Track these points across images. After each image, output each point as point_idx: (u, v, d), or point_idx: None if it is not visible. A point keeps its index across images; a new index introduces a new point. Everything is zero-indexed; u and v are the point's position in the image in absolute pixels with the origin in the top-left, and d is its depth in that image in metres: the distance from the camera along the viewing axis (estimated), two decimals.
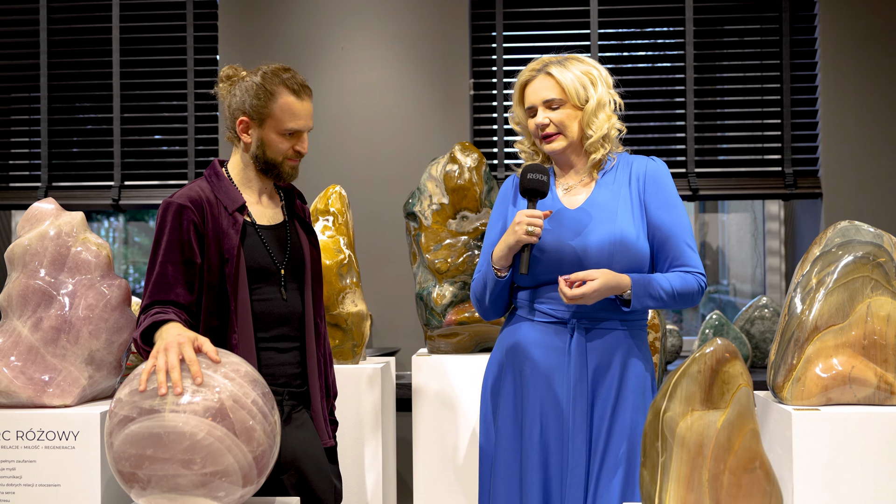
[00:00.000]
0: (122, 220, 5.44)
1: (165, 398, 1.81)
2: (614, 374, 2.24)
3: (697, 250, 2.30)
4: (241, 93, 2.24)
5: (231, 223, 2.20)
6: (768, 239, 4.85)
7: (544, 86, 2.30)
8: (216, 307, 2.18)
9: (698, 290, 2.27)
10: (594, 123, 2.28)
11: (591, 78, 2.31)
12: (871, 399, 2.23)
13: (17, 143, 4.82)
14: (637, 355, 2.27)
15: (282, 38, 4.54)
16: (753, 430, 1.85)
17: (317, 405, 2.32)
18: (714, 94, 4.63)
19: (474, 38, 4.59)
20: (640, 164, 2.32)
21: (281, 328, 2.26)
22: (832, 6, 4.42)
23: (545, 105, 2.30)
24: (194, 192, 2.20)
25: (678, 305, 2.28)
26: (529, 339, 2.30)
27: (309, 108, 2.26)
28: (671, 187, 2.31)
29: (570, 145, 2.32)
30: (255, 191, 2.31)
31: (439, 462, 3.12)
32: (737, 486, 1.82)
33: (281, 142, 2.24)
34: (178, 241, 2.14)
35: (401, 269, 4.36)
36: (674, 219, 2.27)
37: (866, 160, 4.40)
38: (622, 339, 2.26)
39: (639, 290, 2.20)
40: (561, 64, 2.31)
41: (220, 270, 2.17)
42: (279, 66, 2.29)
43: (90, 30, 4.73)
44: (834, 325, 2.24)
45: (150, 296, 2.14)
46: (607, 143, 2.33)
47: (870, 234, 2.31)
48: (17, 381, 2.29)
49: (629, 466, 2.19)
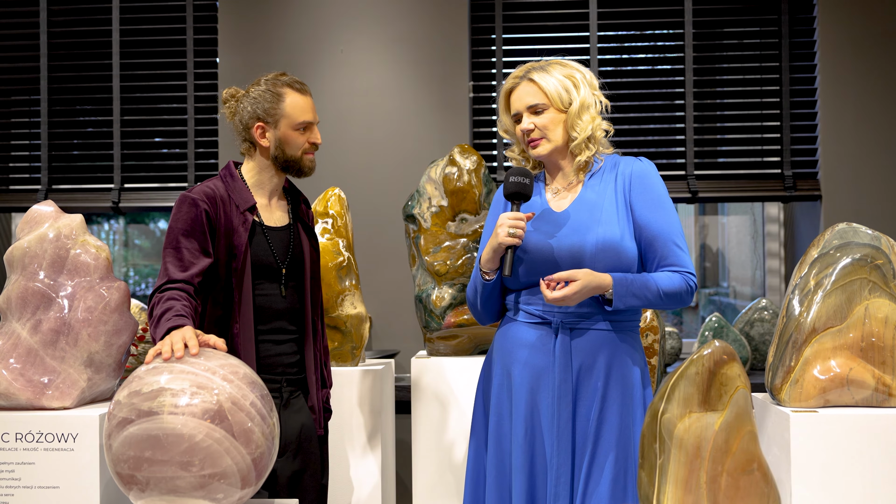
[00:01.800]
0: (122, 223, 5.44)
1: (164, 400, 1.81)
2: (599, 375, 2.23)
3: (688, 250, 2.29)
4: (250, 102, 2.43)
5: (241, 221, 2.38)
6: (768, 241, 4.85)
7: (527, 91, 2.33)
8: (221, 298, 2.34)
9: (687, 289, 2.25)
10: (578, 125, 2.30)
11: (574, 81, 2.32)
12: (868, 401, 2.23)
13: (17, 145, 4.82)
14: (625, 355, 2.26)
15: (281, 40, 4.55)
16: (751, 432, 1.86)
17: (313, 395, 2.49)
18: (713, 97, 4.63)
19: (474, 40, 4.60)
20: (627, 165, 2.32)
21: (279, 321, 2.43)
22: (831, 9, 4.43)
23: (529, 110, 2.33)
24: (209, 189, 2.38)
25: (668, 305, 2.26)
26: (517, 340, 2.32)
27: (312, 103, 2.48)
28: (658, 187, 2.30)
29: (555, 149, 2.34)
30: (266, 194, 2.49)
31: (438, 464, 3.13)
32: (734, 487, 1.82)
33: (297, 137, 2.43)
34: (192, 225, 2.30)
35: (400, 272, 4.37)
36: (660, 218, 2.26)
37: (865, 162, 4.40)
38: (608, 339, 2.25)
39: (621, 290, 2.20)
40: (543, 69, 2.33)
41: (227, 264, 2.35)
42: (277, 72, 2.48)
43: (90, 32, 4.73)
44: (832, 327, 2.24)
45: (166, 273, 2.26)
46: (593, 145, 2.33)
47: (868, 237, 2.31)
48: (16, 384, 2.29)
49: (618, 468, 2.18)
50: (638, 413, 2.23)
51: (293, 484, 2.42)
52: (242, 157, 2.52)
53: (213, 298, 2.34)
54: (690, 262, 2.27)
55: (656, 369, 3.31)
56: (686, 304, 2.28)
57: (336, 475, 3.14)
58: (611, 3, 4.58)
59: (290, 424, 2.39)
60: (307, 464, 2.45)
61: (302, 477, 2.44)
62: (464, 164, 3.22)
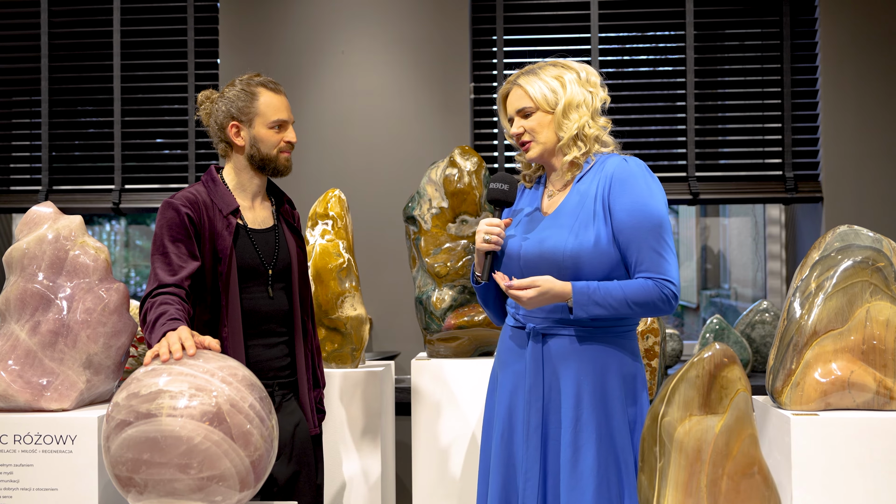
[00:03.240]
0: (123, 224, 5.44)
1: (162, 403, 1.81)
2: (571, 382, 2.20)
3: (671, 254, 2.17)
4: (225, 103, 2.45)
5: (225, 225, 2.37)
6: (769, 243, 4.85)
7: (516, 96, 2.32)
8: (209, 302, 2.34)
9: (661, 297, 2.15)
10: (564, 125, 2.27)
11: (562, 81, 2.29)
12: (870, 404, 2.22)
13: (18, 146, 4.82)
14: (603, 362, 2.20)
15: (282, 41, 4.55)
16: (752, 436, 1.85)
17: (304, 395, 2.49)
18: (715, 98, 4.62)
19: (475, 41, 4.59)
20: (611, 165, 2.24)
21: (268, 324, 2.43)
22: (833, 10, 4.42)
23: (519, 114, 2.32)
24: (191, 194, 2.38)
25: (640, 314, 2.18)
26: (504, 344, 2.36)
27: (286, 102, 2.48)
28: (640, 188, 2.19)
29: (545, 150, 2.31)
30: (249, 196, 2.48)
31: (438, 466, 3.12)
32: (735, 491, 1.81)
33: (271, 135, 2.44)
34: (177, 230, 2.30)
35: (400, 273, 4.36)
36: (637, 222, 2.16)
37: (867, 164, 4.40)
38: (583, 345, 2.20)
39: (581, 299, 2.14)
40: (532, 72, 2.32)
41: (213, 269, 2.34)
42: (252, 73, 2.50)
43: (91, 33, 4.73)
44: (833, 329, 2.23)
45: (156, 279, 2.26)
46: (583, 144, 2.29)
47: (869, 239, 2.30)
48: (14, 385, 2.29)
49: (601, 476, 2.14)
50: (617, 420, 2.18)
51: (289, 486, 2.42)
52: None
53: (201, 303, 2.34)
54: (670, 269, 2.16)
55: (657, 371, 3.30)
56: (664, 313, 2.19)
57: (336, 477, 3.14)
58: (612, 5, 4.57)
59: (283, 427, 2.40)
60: (302, 465, 2.45)
61: (297, 479, 2.44)
62: (464, 165, 3.21)
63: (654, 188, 2.21)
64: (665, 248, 2.17)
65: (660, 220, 2.17)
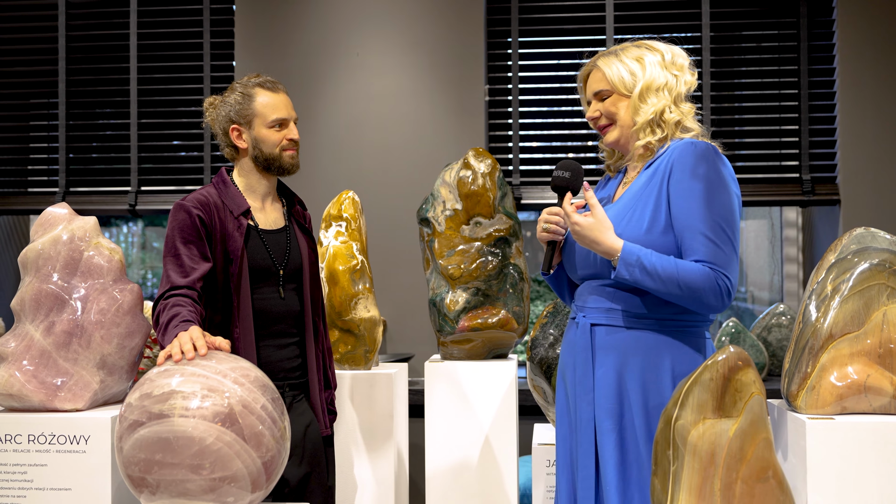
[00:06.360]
0: (140, 226, 5.47)
1: (175, 403, 1.81)
2: (611, 376, 2.11)
3: (731, 246, 2.02)
4: (225, 107, 2.47)
5: (236, 226, 2.39)
6: (786, 246, 4.81)
7: (594, 78, 2.23)
8: (220, 304, 2.36)
9: (714, 289, 2.01)
10: (641, 109, 2.16)
11: (642, 63, 2.18)
12: (886, 408, 2.20)
13: (35, 148, 4.86)
14: (651, 357, 2.09)
15: (297, 44, 4.56)
16: (766, 439, 1.83)
17: (315, 396, 2.50)
18: (731, 101, 4.60)
19: (490, 44, 4.59)
20: (675, 150, 2.12)
21: (279, 325, 2.44)
22: (850, 11, 4.39)
23: (596, 97, 2.23)
24: (202, 196, 2.39)
25: (687, 301, 2.04)
26: (566, 336, 2.28)
27: (285, 99, 2.48)
28: (697, 172, 2.06)
29: (622, 136, 2.21)
30: (259, 197, 2.50)
31: (452, 468, 3.11)
32: (749, 495, 1.80)
33: (271, 135, 2.44)
34: (189, 232, 2.31)
35: (414, 275, 4.36)
36: (690, 207, 2.04)
37: (884, 166, 4.36)
38: (632, 338, 2.11)
39: (629, 258, 2.01)
40: (613, 53, 2.22)
41: (224, 270, 2.36)
42: (251, 74, 2.52)
43: (108, 36, 4.76)
44: (849, 333, 2.21)
45: (168, 281, 2.27)
46: (660, 129, 2.16)
47: (886, 241, 2.28)
48: (29, 385, 2.30)
49: (639, 477, 2.08)
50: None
51: (301, 488, 2.42)
52: None
53: (213, 304, 2.35)
54: (728, 260, 2.02)
55: None
56: (713, 309, 2.06)
57: (349, 478, 3.14)
58: (627, 7, 4.56)
59: (294, 429, 2.40)
60: (313, 466, 2.45)
61: (309, 480, 2.44)
62: (478, 167, 3.21)
63: (722, 173, 2.08)
64: (724, 239, 2.03)
65: (721, 206, 2.04)
